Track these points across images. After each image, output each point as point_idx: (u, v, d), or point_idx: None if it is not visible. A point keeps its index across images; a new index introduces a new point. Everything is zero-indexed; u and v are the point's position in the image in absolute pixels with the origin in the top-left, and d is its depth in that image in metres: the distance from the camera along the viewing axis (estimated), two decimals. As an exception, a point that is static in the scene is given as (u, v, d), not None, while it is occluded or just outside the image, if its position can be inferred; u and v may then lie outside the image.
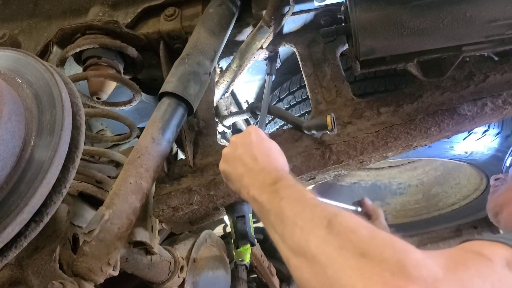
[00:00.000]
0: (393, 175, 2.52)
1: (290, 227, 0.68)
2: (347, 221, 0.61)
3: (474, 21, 0.99)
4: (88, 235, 0.87)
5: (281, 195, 0.77)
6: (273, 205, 0.76)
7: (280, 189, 0.79)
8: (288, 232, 0.68)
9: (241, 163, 0.93)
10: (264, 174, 0.87)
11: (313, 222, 0.65)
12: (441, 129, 1.19)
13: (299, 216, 0.68)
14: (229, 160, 0.97)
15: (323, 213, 0.65)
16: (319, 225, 0.63)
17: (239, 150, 0.95)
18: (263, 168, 0.89)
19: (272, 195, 0.79)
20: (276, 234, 0.73)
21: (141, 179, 0.99)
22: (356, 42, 1.05)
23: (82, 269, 0.85)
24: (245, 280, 2.10)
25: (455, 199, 2.32)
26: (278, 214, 0.73)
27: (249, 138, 0.96)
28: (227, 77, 1.50)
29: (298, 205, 0.72)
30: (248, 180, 0.89)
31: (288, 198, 0.75)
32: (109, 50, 1.32)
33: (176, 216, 1.22)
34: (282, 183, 0.81)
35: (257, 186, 0.85)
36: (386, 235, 0.56)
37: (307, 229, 0.64)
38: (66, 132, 0.77)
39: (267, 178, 0.85)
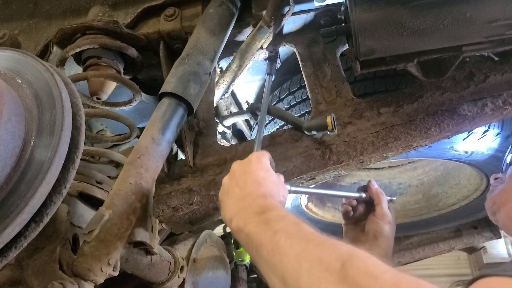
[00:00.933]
0: (393, 175, 2.51)
1: (293, 270, 0.58)
2: (364, 265, 0.52)
3: (474, 21, 0.99)
4: (88, 235, 0.87)
5: (274, 227, 0.68)
6: (264, 239, 0.67)
7: (271, 220, 0.70)
8: (290, 276, 0.58)
9: (232, 191, 0.87)
10: (250, 200, 0.79)
11: (322, 265, 0.55)
12: (441, 130, 1.19)
13: (303, 255, 0.58)
14: (224, 189, 0.91)
15: (334, 254, 0.56)
16: (331, 269, 0.54)
17: (235, 178, 0.90)
18: (248, 194, 0.82)
19: (261, 226, 0.70)
20: (274, 276, 0.63)
21: (141, 180, 0.99)
22: (356, 42, 1.05)
23: (82, 269, 0.85)
24: (245, 280, 2.10)
25: (455, 199, 2.32)
26: (273, 252, 0.63)
27: (248, 166, 0.91)
28: (227, 77, 1.50)
29: (299, 241, 0.62)
30: (232, 208, 0.82)
31: (283, 232, 0.65)
32: (109, 50, 1.32)
33: (176, 216, 1.22)
34: (272, 214, 0.72)
35: (240, 215, 0.77)
36: (412, 279, 0.49)
37: (316, 273, 0.55)
38: (66, 132, 0.77)
39: (253, 206, 0.77)
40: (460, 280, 5.76)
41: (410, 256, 2.48)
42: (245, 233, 0.74)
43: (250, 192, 0.83)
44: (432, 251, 2.46)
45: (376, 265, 0.53)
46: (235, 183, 0.88)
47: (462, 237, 2.43)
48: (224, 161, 1.26)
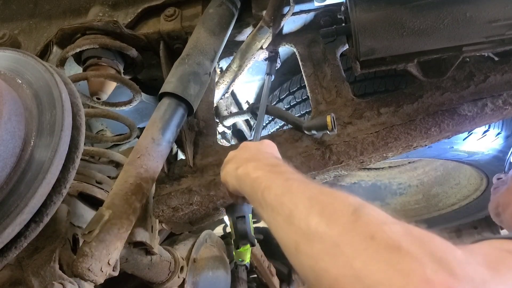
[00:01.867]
0: (393, 175, 2.51)
1: (304, 208, 0.58)
2: (377, 212, 0.53)
3: (474, 21, 0.99)
4: (88, 235, 0.87)
5: (287, 176, 0.68)
6: (275, 182, 0.67)
7: (282, 172, 0.71)
8: (300, 213, 0.58)
9: (241, 154, 0.87)
10: (264, 156, 0.81)
11: (334, 206, 0.55)
12: (441, 130, 1.19)
13: (317, 199, 0.58)
14: (230, 155, 0.92)
15: (348, 200, 0.56)
16: (343, 211, 0.54)
17: (247, 147, 0.91)
18: (262, 153, 0.84)
19: (272, 173, 0.71)
20: (278, 215, 0.62)
21: (141, 180, 0.99)
22: (356, 42, 1.05)
23: (82, 269, 0.85)
24: (245, 280, 2.10)
25: (455, 199, 2.32)
26: (283, 193, 0.63)
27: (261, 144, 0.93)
28: (227, 77, 1.50)
29: (313, 188, 0.62)
30: (240, 161, 0.82)
31: (297, 180, 0.66)
32: (109, 50, 1.32)
33: (176, 217, 1.22)
34: (282, 168, 0.73)
35: (251, 163, 0.78)
36: (423, 230, 0.49)
37: (328, 213, 0.55)
38: (66, 132, 0.77)
39: (266, 160, 0.78)
40: (460, 280, 5.75)
41: (410, 256, 2.47)
42: (253, 177, 0.73)
43: (264, 151, 0.84)
44: (432, 251, 2.46)
45: (387, 216, 0.53)
46: (246, 148, 0.89)
47: (462, 237, 2.43)
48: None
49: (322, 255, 0.51)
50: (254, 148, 0.89)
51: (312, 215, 0.56)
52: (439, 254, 0.45)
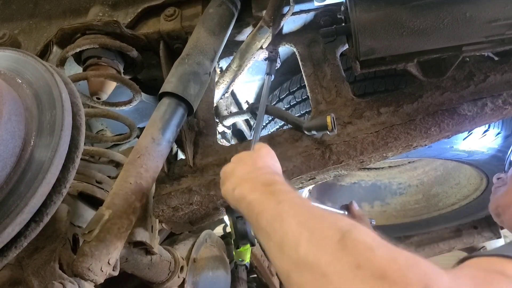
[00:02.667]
0: (393, 175, 2.51)
1: (293, 236, 0.59)
2: (364, 236, 0.54)
3: (474, 21, 0.99)
4: (88, 235, 0.87)
5: (279, 198, 0.69)
6: (267, 207, 0.68)
7: (276, 192, 0.71)
8: (290, 241, 0.59)
9: (238, 168, 0.87)
10: (258, 173, 0.81)
11: (323, 233, 0.56)
12: (441, 129, 1.19)
13: (305, 224, 0.59)
14: (227, 167, 0.92)
15: (336, 225, 0.57)
16: (330, 238, 0.55)
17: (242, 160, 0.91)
18: (257, 168, 0.83)
19: (265, 196, 0.71)
20: (270, 241, 0.63)
21: (141, 179, 0.99)
22: (356, 42, 1.05)
23: (82, 269, 0.85)
24: (245, 280, 2.10)
25: (455, 199, 2.32)
26: (275, 218, 0.64)
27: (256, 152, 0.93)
28: (227, 77, 1.50)
29: (302, 211, 0.63)
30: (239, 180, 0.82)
31: (288, 202, 0.66)
32: (109, 50, 1.32)
33: (176, 216, 1.22)
34: (279, 188, 0.73)
35: (246, 183, 0.78)
36: (409, 255, 0.50)
37: (315, 241, 0.56)
38: (66, 132, 0.77)
39: (260, 178, 0.78)
40: (460, 280, 5.75)
41: (410, 256, 2.47)
42: (248, 201, 0.74)
43: (259, 167, 0.84)
44: (432, 251, 2.46)
45: (375, 239, 0.53)
46: (242, 163, 0.89)
47: (462, 237, 2.43)
48: (224, 161, 1.26)
49: (311, 285, 0.53)
50: (250, 162, 0.88)
51: (301, 243, 0.57)
52: (425, 281, 0.45)
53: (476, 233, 2.42)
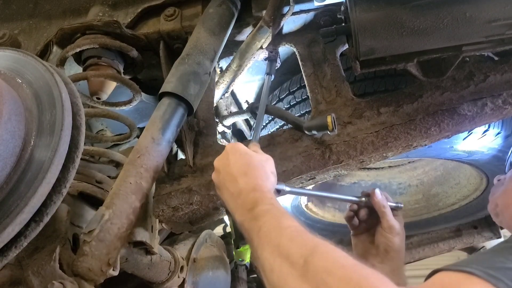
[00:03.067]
0: (393, 175, 2.51)
1: (269, 264, 0.66)
2: (324, 259, 0.59)
3: (474, 21, 0.99)
4: (88, 235, 0.87)
5: (259, 223, 0.75)
6: (254, 235, 0.75)
7: (259, 215, 0.77)
8: (268, 270, 0.66)
9: (225, 188, 0.92)
10: (243, 197, 0.85)
11: (289, 260, 0.62)
12: (441, 129, 1.19)
13: (276, 251, 0.66)
14: (217, 186, 0.97)
15: (300, 251, 0.62)
16: (295, 265, 0.61)
17: (222, 174, 0.94)
18: (241, 190, 0.87)
19: (252, 223, 0.77)
20: (259, 267, 0.71)
21: (141, 179, 0.99)
22: (356, 42, 1.05)
23: (82, 269, 0.85)
24: (245, 280, 2.10)
25: (455, 199, 2.32)
26: (258, 246, 0.72)
27: (227, 159, 0.94)
28: (227, 77, 1.50)
29: (275, 236, 0.69)
30: (232, 205, 0.88)
31: (265, 227, 0.73)
32: (109, 50, 1.32)
33: (176, 216, 1.22)
34: (259, 208, 0.78)
35: (239, 212, 0.84)
36: (362, 275, 0.54)
37: (284, 269, 0.62)
38: (66, 132, 0.77)
39: (246, 203, 0.83)
40: (460, 280, 5.74)
41: (410, 256, 2.47)
42: (244, 229, 0.81)
43: (241, 188, 0.87)
44: (432, 251, 2.46)
45: (335, 260, 0.59)
46: (223, 180, 0.92)
47: (462, 237, 2.43)
48: (224, 161, 1.26)
49: None
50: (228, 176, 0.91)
51: (274, 270, 0.64)
52: None
53: (476, 233, 2.42)
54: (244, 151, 0.95)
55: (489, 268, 0.58)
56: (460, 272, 0.58)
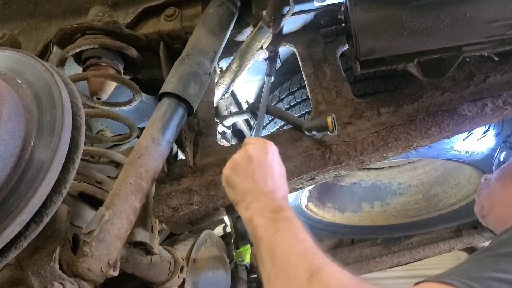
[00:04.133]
0: (393, 175, 2.51)
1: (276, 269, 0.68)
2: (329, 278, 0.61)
3: (474, 21, 0.99)
4: (88, 235, 0.87)
5: (278, 226, 0.76)
6: (266, 234, 0.76)
7: (279, 219, 0.78)
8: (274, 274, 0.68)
9: (252, 179, 0.90)
10: (270, 198, 0.86)
11: (296, 270, 0.65)
12: (441, 130, 1.19)
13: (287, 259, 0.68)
14: (239, 170, 0.94)
15: (309, 264, 0.65)
16: (301, 276, 0.63)
17: (254, 164, 0.92)
18: (270, 192, 0.88)
19: (269, 222, 0.78)
20: (263, 270, 0.72)
21: (141, 180, 0.99)
22: (356, 42, 1.05)
23: (82, 269, 0.85)
24: (245, 280, 2.10)
25: (455, 199, 2.32)
26: (269, 247, 0.73)
27: (266, 156, 0.94)
28: (227, 77, 1.50)
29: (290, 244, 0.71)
30: (252, 198, 0.87)
31: (283, 231, 0.74)
32: (109, 50, 1.32)
33: (176, 217, 1.22)
34: (282, 214, 0.79)
35: (258, 207, 0.84)
36: None
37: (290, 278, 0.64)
38: (66, 132, 0.77)
39: (270, 203, 0.84)
40: (460, 280, 5.74)
41: (410, 256, 2.48)
42: (254, 225, 0.81)
43: (270, 190, 0.88)
44: (432, 251, 2.46)
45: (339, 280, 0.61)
46: (252, 170, 0.91)
47: (462, 237, 2.43)
48: (224, 161, 1.26)
49: None
50: (260, 171, 0.91)
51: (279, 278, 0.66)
52: None
53: (476, 233, 2.42)
54: (280, 160, 0.97)
55: (468, 278, 0.61)
56: (440, 283, 0.62)
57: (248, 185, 0.90)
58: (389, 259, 2.50)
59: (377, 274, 2.68)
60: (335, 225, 2.46)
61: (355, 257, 2.56)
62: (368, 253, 2.55)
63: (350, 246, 2.63)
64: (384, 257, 2.51)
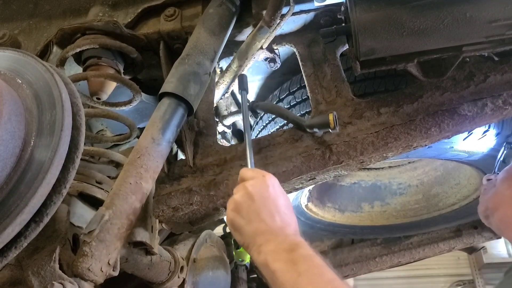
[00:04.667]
0: (393, 175, 2.51)
1: None
2: None
3: (474, 21, 0.99)
4: (88, 235, 0.87)
5: (299, 269, 0.71)
6: (288, 280, 0.71)
7: (298, 260, 0.73)
8: None
9: (258, 219, 0.85)
10: (282, 236, 0.81)
11: None
12: (441, 130, 1.19)
13: None
14: (242, 211, 0.89)
15: None
16: None
17: (257, 202, 0.87)
18: (280, 229, 0.83)
19: (288, 265, 0.73)
20: None
21: (141, 180, 0.99)
22: (356, 42, 1.05)
23: (82, 269, 0.85)
24: (245, 280, 2.10)
25: (455, 199, 2.32)
26: None
27: (268, 191, 0.89)
28: (227, 77, 1.50)
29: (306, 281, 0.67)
30: (263, 239, 0.82)
31: (306, 274, 0.70)
32: (109, 50, 1.32)
33: (176, 217, 1.22)
34: (299, 252, 0.75)
35: (271, 249, 0.79)
36: None
37: None
38: (66, 132, 0.77)
39: (283, 242, 0.79)
40: (460, 280, 5.76)
41: (410, 256, 2.48)
42: (272, 270, 0.76)
43: (280, 227, 0.83)
44: (432, 251, 2.47)
45: None
46: (256, 209, 0.86)
47: (462, 237, 2.43)
48: (224, 161, 1.26)
49: None
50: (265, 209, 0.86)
51: None
52: None
53: (476, 233, 2.42)
54: (282, 189, 0.92)
55: None
56: None
57: (256, 226, 0.84)
58: (389, 259, 2.50)
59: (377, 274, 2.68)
60: (335, 225, 2.46)
61: (355, 257, 2.56)
62: (368, 253, 2.55)
63: (350, 246, 2.63)
64: (384, 257, 2.51)
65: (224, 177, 1.22)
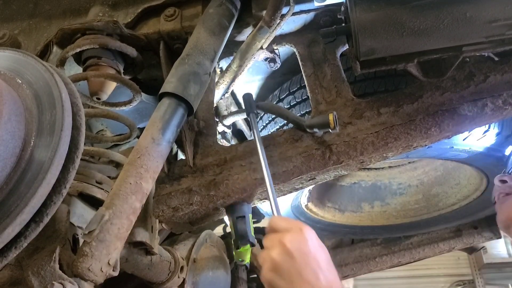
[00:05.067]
0: (393, 175, 2.52)
1: None
2: None
3: (474, 21, 0.99)
4: (88, 235, 0.87)
5: None
6: None
7: None
8: None
9: (300, 279, 0.80)
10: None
11: None
12: (441, 130, 1.19)
13: None
14: (282, 272, 0.82)
15: None
16: None
17: (297, 261, 0.82)
18: None
19: None
20: None
21: (141, 180, 0.99)
22: (356, 42, 1.05)
23: (82, 269, 0.85)
24: (245, 280, 2.10)
25: (455, 199, 2.32)
26: None
27: (307, 246, 0.84)
28: (227, 77, 1.50)
29: None
30: None
31: None
32: (109, 50, 1.32)
33: (176, 217, 1.22)
34: None
35: None
36: None
37: None
38: (66, 132, 0.77)
39: None
40: (460, 280, 5.76)
41: (410, 256, 2.48)
42: None
43: (325, 286, 0.80)
44: (432, 251, 2.47)
45: None
46: (298, 268, 0.82)
47: (462, 237, 2.43)
48: (224, 161, 1.26)
49: None
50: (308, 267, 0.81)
51: None
52: None
53: (476, 233, 2.42)
54: (319, 241, 0.87)
55: None
56: None
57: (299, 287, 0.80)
58: (389, 259, 2.51)
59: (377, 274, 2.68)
60: (335, 225, 2.46)
61: (355, 257, 2.56)
62: (368, 253, 2.55)
63: (350, 246, 2.64)
64: (384, 257, 2.51)
65: (224, 177, 1.22)
